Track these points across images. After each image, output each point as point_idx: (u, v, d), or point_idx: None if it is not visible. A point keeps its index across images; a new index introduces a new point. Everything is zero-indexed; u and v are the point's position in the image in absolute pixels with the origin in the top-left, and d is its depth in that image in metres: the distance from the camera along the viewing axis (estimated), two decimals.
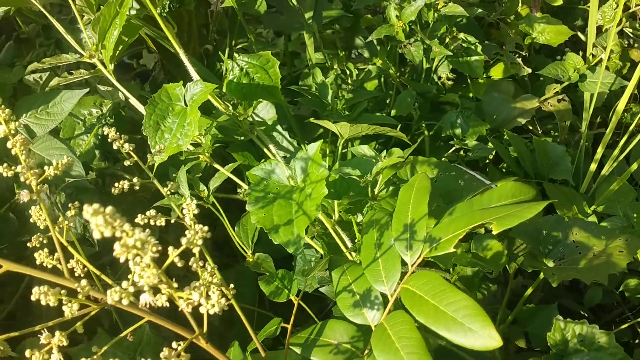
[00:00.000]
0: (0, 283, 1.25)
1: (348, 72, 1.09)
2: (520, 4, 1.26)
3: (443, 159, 1.05)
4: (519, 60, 1.17)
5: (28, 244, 0.55)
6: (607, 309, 1.22)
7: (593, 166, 1.07)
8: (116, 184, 0.54)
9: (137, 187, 0.55)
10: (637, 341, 1.08)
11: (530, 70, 1.15)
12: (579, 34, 1.28)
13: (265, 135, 0.84)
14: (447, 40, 1.07)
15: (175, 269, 0.42)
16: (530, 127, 1.26)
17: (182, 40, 1.09)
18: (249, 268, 1.01)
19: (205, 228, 0.39)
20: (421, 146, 1.12)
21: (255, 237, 0.91)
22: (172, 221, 0.70)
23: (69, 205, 0.55)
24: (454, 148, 1.04)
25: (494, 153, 1.10)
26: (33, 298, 0.41)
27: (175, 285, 0.42)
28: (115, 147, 0.55)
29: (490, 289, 1.05)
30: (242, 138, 0.92)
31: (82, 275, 0.54)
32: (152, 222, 0.50)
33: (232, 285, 0.55)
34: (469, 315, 0.48)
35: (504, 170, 1.12)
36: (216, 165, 0.84)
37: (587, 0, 1.18)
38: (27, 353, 0.44)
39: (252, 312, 1.09)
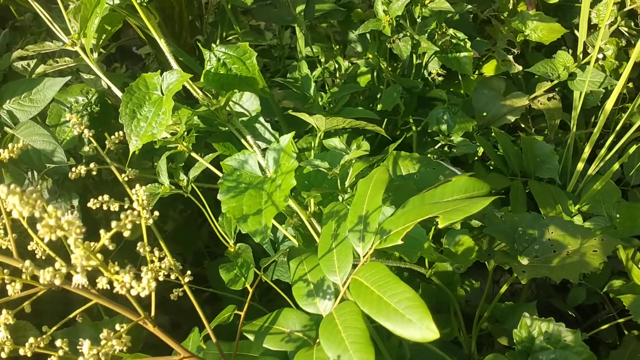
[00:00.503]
0: None
1: (338, 66, 1.10)
2: (515, 1, 1.25)
3: (428, 154, 1.05)
4: (511, 57, 1.16)
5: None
6: (596, 310, 1.22)
7: (580, 165, 1.07)
8: (73, 169, 0.55)
9: (94, 172, 0.56)
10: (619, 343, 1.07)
11: (520, 68, 1.15)
12: (575, 31, 1.27)
13: (244, 126, 0.85)
14: (436, 36, 1.07)
15: None
16: (523, 125, 1.26)
17: (174, 31, 1.10)
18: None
19: (135, 213, 0.40)
20: (409, 141, 1.13)
21: (237, 230, 0.92)
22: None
23: (54, 182, 0.56)
24: (439, 144, 1.04)
25: (482, 150, 1.10)
26: None
27: (116, 268, 0.43)
28: (75, 133, 0.56)
29: (473, 286, 1.05)
30: (225, 129, 0.93)
31: (43, 258, 0.55)
32: (104, 207, 0.51)
33: (188, 272, 0.56)
34: (409, 307, 0.48)
35: (491, 167, 1.12)
36: (194, 155, 0.85)
37: None
38: None
39: (240, 303, 1.10)
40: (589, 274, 1.08)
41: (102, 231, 0.40)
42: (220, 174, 0.87)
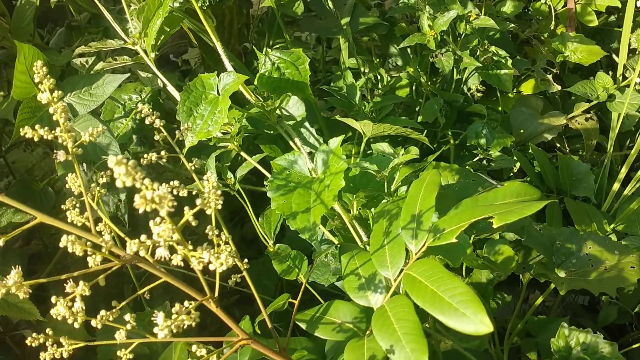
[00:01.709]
0: (34, 257, 1.32)
1: (379, 77, 1.12)
2: (555, 23, 1.28)
3: (466, 167, 1.07)
4: (550, 77, 1.18)
5: (63, 207, 0.59)
6: (623, 330, 1.22)
7: (616, 185, 1.08)
8: (145, 155, 0.58)
9: (163, 160, 0.59)
10: None
11: (559, 88, 1.17)
12: (614, 55, 1.29)
13: (292, 129, 0.88)
14: (479, 52, 1.10)
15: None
16: (558, 145, 1.27)
17: (223, 37, 1.14)
18: (272, 262, 1.05)
19: (219, 192, 0.43)
20: (446, 154, 1.15)
21: (278, 228, 0.95)
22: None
23: (101, 173, 0.59)
24: (477, 157, 1.06)
25: (518, 166, 1.12)
26: (61, 245, 0.45)
27: (190, 247, 0.46)
28: (147, 122, 0.59)
29: (505, 299, 1.06)
30: (272, 132, 0.96)
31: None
32: (174, 192, 0.54)
33: (245, 260, 0.59)
34: (463, 301, 0.50)
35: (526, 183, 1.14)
36: (244, 154, 0.88)
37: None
38: (53, 299, 0.49)
39: (269, 303, 1.12)
40: (619, 294, 1.09)
41: (186, 208, 0.43)
42: (267, 174, 0.90)
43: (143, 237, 0.42)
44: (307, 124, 0.97)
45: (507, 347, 0.95)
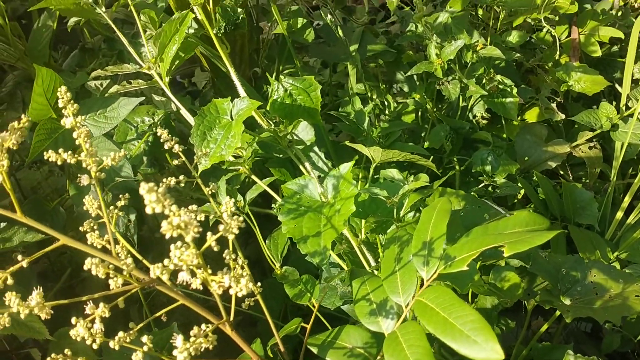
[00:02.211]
0: (40, 275, 1.33)
1: (386, 103, 1.14)
2: (559, 53, 1.30)
3: (472, 193, 1.08)
4: (554, 105, 1.20)
5: (80, 228, 0.60)
6: (628, 359, 1.22)
7: (619, 214, 1.10)
8: (164, 180, 0.59)
9: (182, 185, 0.61)
10: None
11: (564, 116, 1.19)
12: (617, 85, 1.31)
13: (302, 154, 0.89)
14: (484, 81, 1.12)
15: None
16: (562, 172, 1.29)
17: (234, 62, 1.15)
18: (277, 284, 1.06)
19: (241, 219, 0.44)
20: (452, 180, 1.16)
21: (285, 251, 0.96)
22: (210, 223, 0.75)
23: (120, 196, 0.60)
24: (483, 184, 1.08)
25: (522, 193, 1.13)
26: (85, 267, 0.46)
27: (209, 270, 0.47)
28: (166, 147, 0.61)
29: (509, 325, 1.07)
30: (281, 156, 0.98)
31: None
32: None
33: (259, 284, 0.60)
34: (474, 328, 0.51)
35: (530, 210, 1.15)
36: (254, 178, 0.89)
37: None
38: (73, 320, 0.50)
39: (277, 326, 1.13)
40: (623, 322, 1.10)
41: (209, 233, 0.44)
42: (276, 197, 0.92)
43: (166, 262, 0.43)
44: (315, 148, 0.99)
45: None
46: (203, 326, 0.50)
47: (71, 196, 0.97)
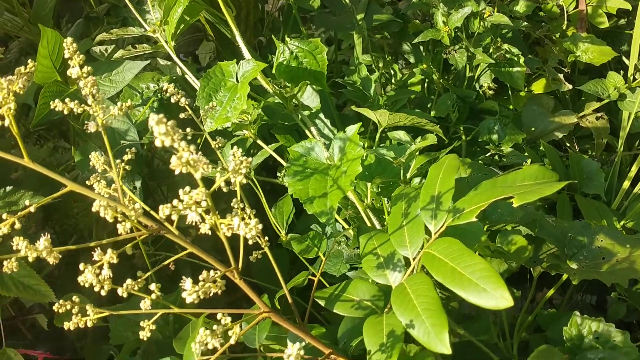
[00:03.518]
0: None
1: (393, 72, 1.14)
2: (566, 25, 1.29)
3: (479, 162, 1.08)
4: (561, 76, 1.19)
5: (87, 182, 0.60)
6: (633, 329, 1.22)
7: (626, 184, 1.09)
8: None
9: (189, 137, 0.60)
10: None
11: (571, 87, 1.18)
12: (624, 57, 1.30)
13: (308, 118, 0.89)
14: (491, 50, 1.11)
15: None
16: (568, 145, 1.28)
17: (240, 30, 1.15)
18: (281, 256, 1.07)
19: (250, 159, 0.44)
20: (458, 150, 1.16)
21: (290, 218, 0.96)
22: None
23: (127, 150, 0.60)
24: (489, 153, 1.07)
25: (529, 162, 1.13)
26: (93, 209, 0.46)
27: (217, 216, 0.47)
28: (173, 100, 0.60)
29: (514, 294, 1.07)
30: (286, 123, 0.97)
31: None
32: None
33: (266, 238, 0.60)
34: (483, 277, 0.51)
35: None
36: (260, 143, 0.89)
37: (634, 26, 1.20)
38: (81, 266, 0.50)
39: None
40: (628, 292, 1.10)
41: (217, 174, 0.44)
42: (283, 162, 0.91)
43: (175, 202, 0.43)
44: (321, 116, 0.98)
45: (517, 341, 0.95)
46: (212, 272, 0.50)
47: (76, 162, 0.97)
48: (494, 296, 0.50)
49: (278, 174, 1.01)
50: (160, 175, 1.21)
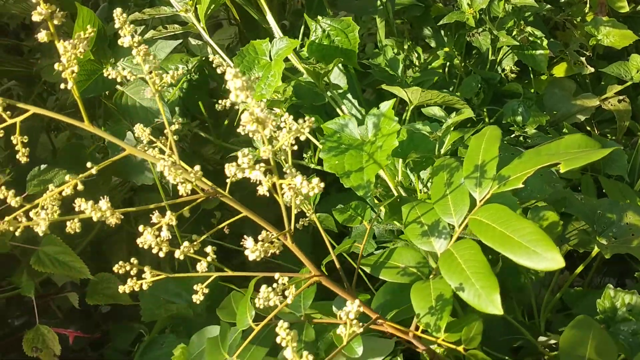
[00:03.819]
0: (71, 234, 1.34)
1: (416, 55, 1.14)
2: (587, 9, 1.29)
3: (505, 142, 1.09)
4: (583, 59, 1.20)
5: (139, 147, 0.61)
6: None
7: None
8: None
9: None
10: None
11: (592, 70, 1.19)
12: None
13: (338, 97, 0.90)
14: (515, 32, 1.12)
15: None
16: (588, 129, 1.29)
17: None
18: (303, 238, 1.07)
19: (306, 123, 0.45)
20: None
21: (317, 198, 0.96)
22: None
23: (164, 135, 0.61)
24: (513, 134, 1.08)
25: None
26: (158, 169, 0.47)
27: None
28: (219, 71, 0.61)
29: (538, 274, 1.08)
30: (316, 103, 0.98)
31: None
32: None
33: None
34: (533, 240, 0.52)
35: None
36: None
37: None
38: (140, 228, 0.51)
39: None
40: None
41: (280, 134, 0.45)
42: (314, 140, 0.92)
43: (240, 160, 0.44)
44: (349, 96, 0.99)
45: (544, 318, 0.97)
46: (266, 234, 0.51)
47: (106, 142, 0.98)
48: (546, 258, 0.50)
49: (304, 155, 1.02)
50: (184, 155, 1.22)
